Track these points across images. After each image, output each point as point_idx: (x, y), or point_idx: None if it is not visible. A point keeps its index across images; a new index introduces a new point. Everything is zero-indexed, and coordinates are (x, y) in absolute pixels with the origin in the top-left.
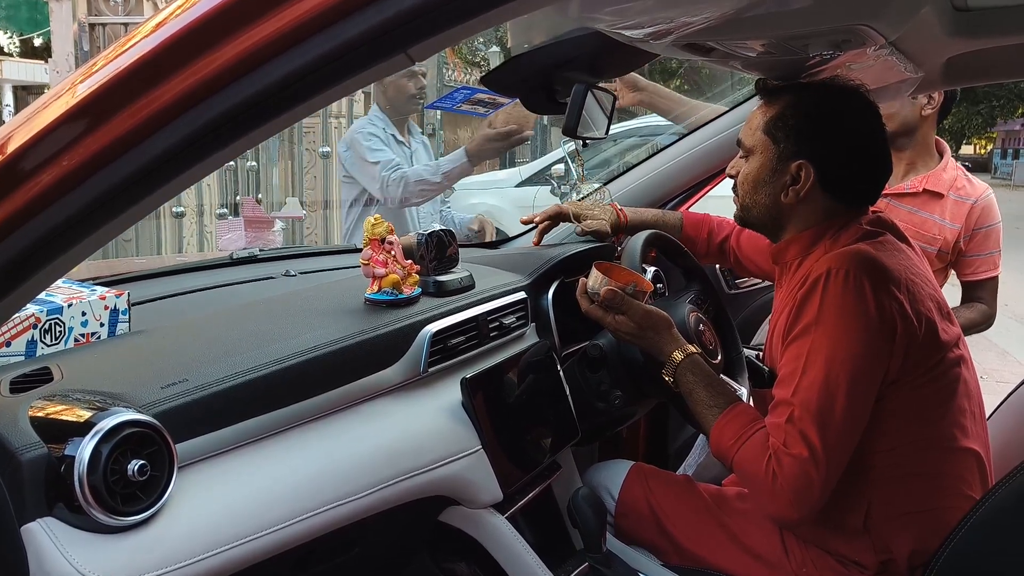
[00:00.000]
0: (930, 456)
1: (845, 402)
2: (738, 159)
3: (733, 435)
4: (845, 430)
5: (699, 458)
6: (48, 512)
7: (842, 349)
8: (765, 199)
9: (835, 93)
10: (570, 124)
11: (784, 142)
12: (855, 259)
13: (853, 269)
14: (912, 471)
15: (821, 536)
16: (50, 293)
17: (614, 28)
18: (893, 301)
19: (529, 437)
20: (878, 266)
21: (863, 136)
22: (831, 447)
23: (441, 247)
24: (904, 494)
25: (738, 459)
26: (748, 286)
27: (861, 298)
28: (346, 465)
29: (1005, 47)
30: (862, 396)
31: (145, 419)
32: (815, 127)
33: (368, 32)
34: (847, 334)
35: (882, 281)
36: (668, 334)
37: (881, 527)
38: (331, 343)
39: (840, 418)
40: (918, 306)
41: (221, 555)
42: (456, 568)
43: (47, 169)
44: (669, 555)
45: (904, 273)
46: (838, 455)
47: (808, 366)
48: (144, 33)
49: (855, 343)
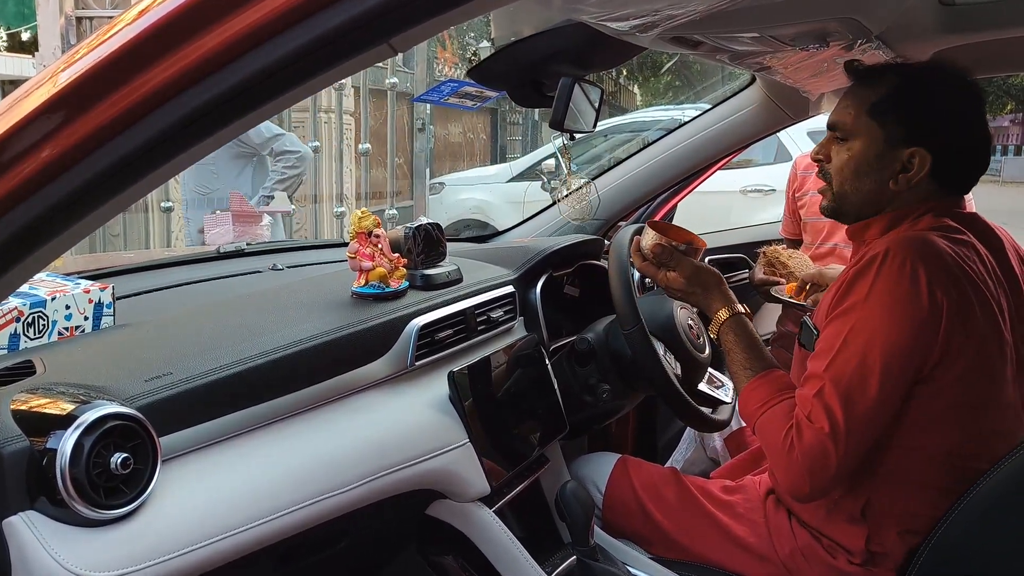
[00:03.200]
0: (948, 469)
1: (877, 386)
2: (825, 143)
3: (760, 400)
4: (871, 413)
5: (687, 452)
6: (30, 505)
7: (883, 333)
8: (871, 185)
9: (943, 76)
10: (557, 117)
11: (894, 126)
12: (916, 245)
13: (911, 255)
14: (925, 479)
15: (817, 517)
16: (33, 286)
17: (599, 20)
18: (946, 295)
19: (517, 431)
20: (937, 257)
21: (971, 122)
22: (854, 427)
23: (429, 240)
24: (910, 498)
25: (760, 424)
26: (739, 280)
27: (915, 285)
28: (332, 459)
29: (991, 42)
30: (893, 383)
31: (128, 412)
32: (928, 112)
33: (351, 22)
34: (892, 319)
35: (938, 272)
36: (717, 291)
37: (879, 520)
38: (317, 336)
39: (868, 400)
40: (969, 311)
41: (205, 548)
42: (443, 562)
43: (27, 159)
44: (656, 547)
45: (965, 271)
46: (859, 437)
47: (847, 344)
48: (126, 21)
49: (898, 329)
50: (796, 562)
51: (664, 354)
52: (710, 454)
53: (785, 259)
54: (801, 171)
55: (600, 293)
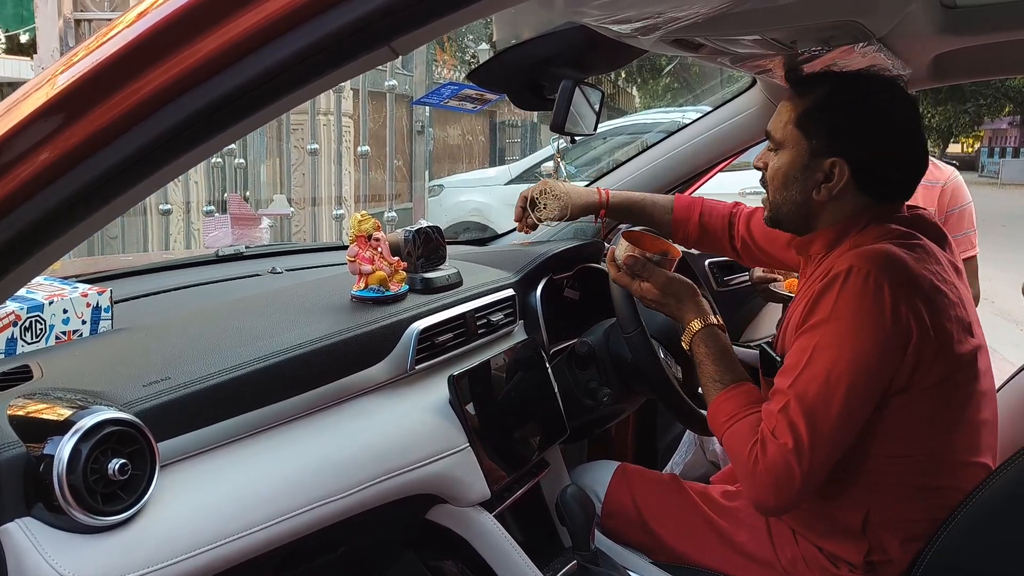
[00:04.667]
0: (938, 470)
1: (842, 401)
2: (766, 151)
3: (727, 413)
4: (836, 429)
5: (686, 456)
6: (27, 512)
7: (849, 348)
8: (796, 196)
9: (870, 85)
10: (558, 120)
11: (816, 137)
12: (879, 260)
13: (875, 270)
14: (918, 484)
15: (816, 532)
16: (31, 290)
17: (601, 23)
18: (911, 309)
19: (517, 435)
20: (902, 270)
21: (899, 131)
22: (818, 443)
23: (428, 244)
24: (907, 504)
25: (727, 437)
26: (736, 284)
27: (879, 300)
28: (332, 463)
29: (992, 44)
30: (860, 399)
31: (126, 417)
32: (850, 122)
33: (352, 24)
34: (858, 335)
35: (903, 286)
36: (691, 301)
37: (879, 531)
38: (317, 340)
39: (833, 416)
40: (939, 318)
41: (204, 555)
42: (443, 567)
43: (26, 162)
44: (657, 555)
45: (929, 280)
46: (824, 453)
47: (812, 360)
48: (126, 23)
49: (864, 345)
50: (798, 569)
51: (665, 357)
52: (710, 457)
53: None
54: None
55: (600, 296)
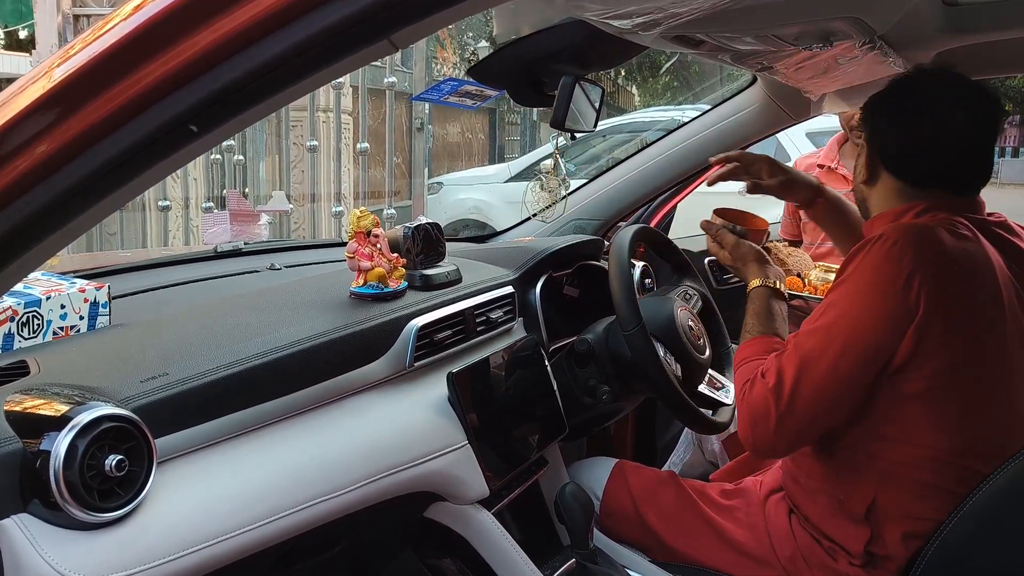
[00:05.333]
0: (949, 472)
1: (833, 358)
2: None
3: (742, 357)
4: (822, 382)
5: (685, 455)
6: (23, 508)
7: (854, 307)
8: (857, 180)
9: (912, 77)
10: (558, 117)
11: (867, 126)
12: (910, 231)
13: (902, 240)
14: (927, 482)
15: (819, 511)
16: (28, 285)
17: (602, 18)
18: (925, 285)
19: (516, 432)
20: (930, 245)
21: (929, 115)
22: (799, 391)
23: (428, 240)
24: (914, 500)
25: (736, 377)
26: (735, 282)
27: (895, 268)
28: (330, 461)
29: (993, 42)
30: (853, 360)
31: (123, 413)
32: (876, 107)
33: (351, 17)
34: (866, 296)
35: (926, 262)
36: (753, 264)
37: (883, 521)
38: (315, 337)
39: (822, 370)
40: (957, 303)
41: (201, 552)
42: (442, 564)
43: (22, 155)
44: (655, 553)
45: (961, 265)
46: (804, 402)
47: (822, 315)
48: (123, 15)
49: (869, 307)
50: (797, 566)
51: (664, 355)
52: (708, 457)
53: (784, 256)
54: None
55: (600, 294)
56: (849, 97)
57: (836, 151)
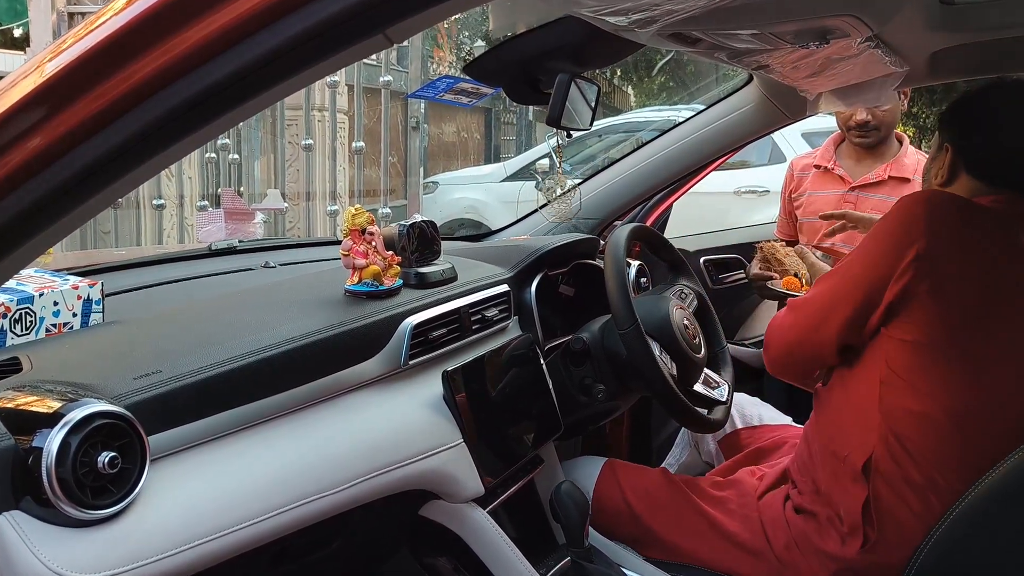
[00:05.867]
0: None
1: (827, 292)
2: None
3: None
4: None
5: (681, 456)
6: (15, 505)
7: (861, 249)
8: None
9: (997, 85)
10: (554, 114)
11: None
12: (933, 198)
13: (927, 201)
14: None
15: (824, 474)
16: (21, 282)
17: (598, 14)
18: (924, 237)
19: (511, 431)
20: (944, 205)
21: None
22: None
23: (423, 238)
24: (912, 464)
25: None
26: (731, 281)
27: (909, 225)
28: (325, 458)
29: (990, 42)
30: (842, 298)
31: (116, 410)
32: (954, 111)
33: (347, 10)
34: (872, 241)
35: (936, 222)
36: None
37: (879, 484)
38: (310, 334)
39: (814, 300)
40: (952, 273)
41: (194, 550)
42: (437, 563)
43: (13, 151)
44: (649, 550)
45: (973, 235)
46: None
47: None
48: (115, 10)
49: (871, 251)
50: (791, 555)
51: (660, 354)
52: (705, 457)
53: (781, 256)
54: (798, 172)
55: (595, 293)
56: (845, 96)
57: (833, 151)
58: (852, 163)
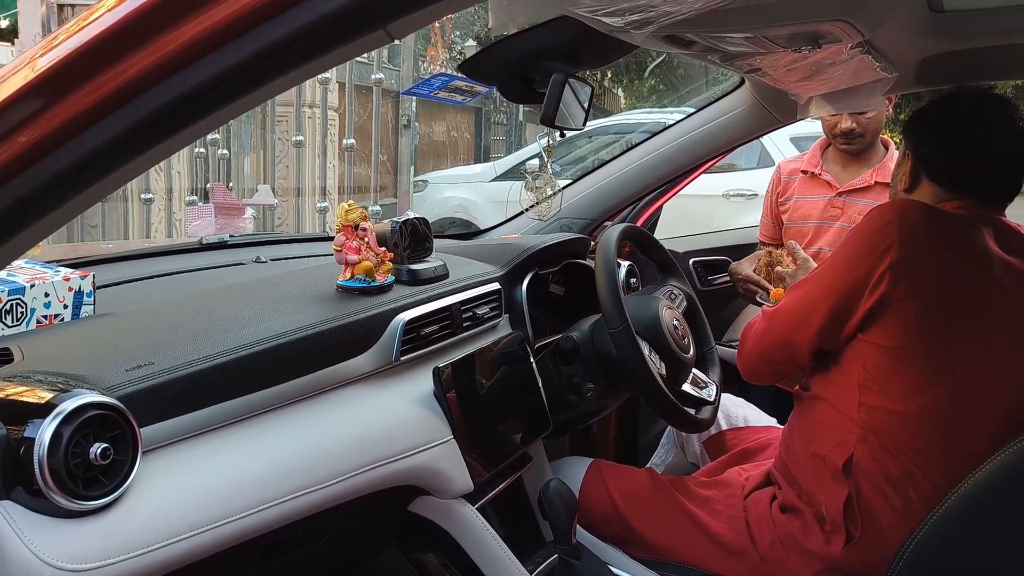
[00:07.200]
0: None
1: (802, 299)
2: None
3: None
4: (786, 316)
5: (667, 457)
6: (6, 496)
7: (835, 257)
8: (893, 190)
9: (958, 94)
10: (548, 113)
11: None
12: (905, 207)
13: (896, 208)
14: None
15: (806, 473)
16: (12, 273)
17: (594, 15)
18: (899, 246)
19: (500, 428)
20: (917, 213)
21: (974, 131)
22: (769, 327)
23: (415, 235)
24: (891, 460)
25: None
26: (719, 283)
27: (881, 234)
28: (315, 453)
29: (979, 49)
30: (816, 307)
31: (108, 401)
32: (923, 120)
33: (348, 6)
34: (846, 250)
35: (910, 229)
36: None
37: (860, 481)
38: (301, 329)
39: (788, 306)
40: (926, 280)
41: (185, 542)
42: (425, 559)
43: (3, 145)
44: (634, 550)
45: (947, 243)
46: (763, 340)
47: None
48: (108, 5)
49: (845, 260)
50: (776, 553)
51: (649, 354)
52: (690, 458)
53: (784, 267)
54: (785, 176)
55: (585, 292)
56: (835, 101)
57: (819, 156)
58: (839, 168)
